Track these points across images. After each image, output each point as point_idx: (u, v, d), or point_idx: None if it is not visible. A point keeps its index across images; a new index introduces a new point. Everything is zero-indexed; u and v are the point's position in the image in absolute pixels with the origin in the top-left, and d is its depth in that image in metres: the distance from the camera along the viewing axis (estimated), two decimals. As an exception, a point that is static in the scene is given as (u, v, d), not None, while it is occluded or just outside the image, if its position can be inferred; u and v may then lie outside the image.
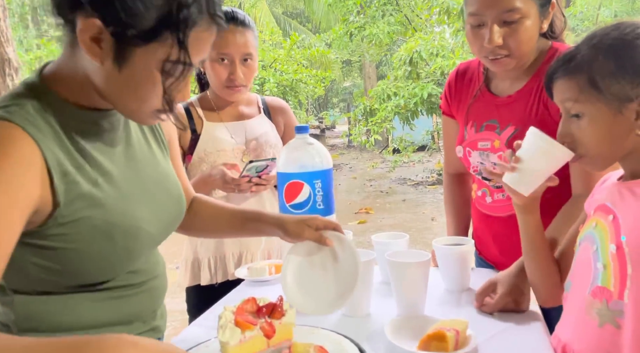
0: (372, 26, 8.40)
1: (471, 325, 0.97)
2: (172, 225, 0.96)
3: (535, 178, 0.95)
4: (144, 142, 0.94)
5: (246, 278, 1.42)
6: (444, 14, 7.37)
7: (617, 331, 0.80)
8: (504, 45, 1.16)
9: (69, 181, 0.76)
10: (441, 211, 6.57)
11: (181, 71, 0.76)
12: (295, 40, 8.86)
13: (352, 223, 5.86)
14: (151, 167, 0.93)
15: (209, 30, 0.77)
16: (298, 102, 9.36)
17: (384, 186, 8.88)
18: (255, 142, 1.63)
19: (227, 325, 0.86)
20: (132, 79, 0.75)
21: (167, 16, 0.71)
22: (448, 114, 1.46)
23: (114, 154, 0.85)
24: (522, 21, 1.14)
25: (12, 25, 3.18)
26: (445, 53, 6.96)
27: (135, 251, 0.86)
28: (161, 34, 0.72)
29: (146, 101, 0.77)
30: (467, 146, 1.33)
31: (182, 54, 0.74)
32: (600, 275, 0.83)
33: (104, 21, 0.71)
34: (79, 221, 0.77)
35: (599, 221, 0.88)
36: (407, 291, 1.12)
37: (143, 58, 0.73)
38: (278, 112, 1.72)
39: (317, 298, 1.04)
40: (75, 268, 0.79)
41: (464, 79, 1.39)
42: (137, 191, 0.86)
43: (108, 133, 0.85)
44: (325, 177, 1.20)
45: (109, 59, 0.73)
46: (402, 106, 7.52)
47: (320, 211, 1.20)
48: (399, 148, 9.31)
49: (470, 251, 1.26)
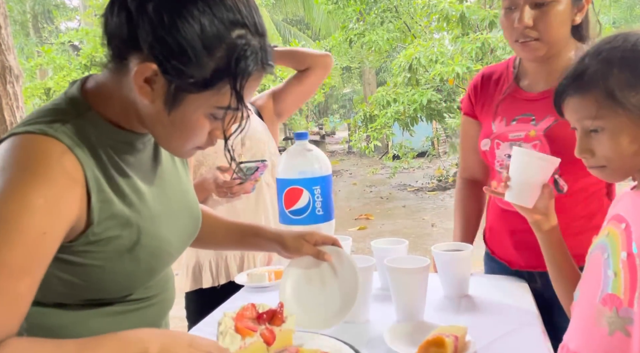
0: (372, 33, 8.43)
1: (470, 331, 0.98)
2: (188, 241, 0.98)
3: (529, 189, 1.05)
4: (170, 159, 0.96)
5: (246, 284, 1.42)
6: (443, 21, 7.39)
7: (627, 339, 0.79)
8: (533, 27, 1.18)
9: (104, 200, 0.76)
10: (441, 218, 6.56)
11: (230, 115, 0.78)
12: (295, 47, 8.89)
13: (352, 229, 5.85)
14: (176, 185, 0.94)
15: (259, 78, 0.79)
16: (298, 109, 9.39)
17: (383, 192, 8.88)
18: (249, 141, 1.64)
19: (227, 332, 0.87)
20: (180, 122, 0.76)
21: (226, 68, 0.73)
22: (470, 114, 1.46)
23: (145, 174, 0.86)
24: (553, 5, 1.17)
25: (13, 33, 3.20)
26: (445, 60, 6.98)
27: (157, 270, 0.88)
28: (218, 83, 0.73)
29: (189, 142, 0.79)
30: (496, 138, 1.33)
31: (238, 103, 0.76)
32: (610, 283, 0.83)
33: (160, 66, 0.71)
34: (109, 240, 0.77)
35: (611, 230, 0.88)
36: (406, 297, 1.12)
37: (195, 104, 0.75)
38: (264, 104, 1.73)
39: (316, 312, 1.04)
40: (98, 285, 0.80)
41: (490, 80, 1.41)
42: (163, 211, 0.87)
43: (141, 152, 0.86)
44: (324, 183, 1.20)
45: (159, 100, 0.74)
46: (401, 112, 7.54)
47: (320, 217, 1.20)
48: (398, 154, 9.31)
49: (469, 257, 1.27)
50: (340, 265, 1.05)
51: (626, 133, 0.83)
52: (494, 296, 1.25)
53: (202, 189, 1.55)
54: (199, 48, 0.71)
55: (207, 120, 0.77)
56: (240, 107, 0.77)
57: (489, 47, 6.75)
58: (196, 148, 0.82)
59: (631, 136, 0.83)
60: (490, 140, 1.34)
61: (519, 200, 1.06)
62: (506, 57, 6.85)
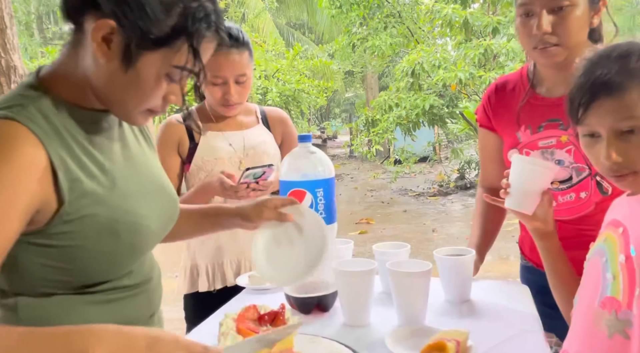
0: (375, 38, 8.44)
1: (472, 336, 0.97)
2: (169, 221, 0.97)
3: (529, 196, 1.05)
4: (136, 142, 0.96)
5: (247, 286, 1.42)
6: (446, 27, 7.40)
7: (626, 342, 0.79)
8: (552, 33, 1.16)
9: (73, 179, 0.77)
10: (442, 223, 6.56)
11: (185, 76, 0.81)
12: (298, 50, 8.92)
13: (352, 233, 5.85)
14: (146, 166, 0.95)
15: (213, 42, 0.82)
16: (300, 112, 9.40)
17: (385, 197, 8.88)
18: (253, 151, 1.63)
19: (229, 333, 0.87)
20: (136, 80, 0.78)
21: (183, 26, 0.76)
22: (487, 126, 1.44)
23: (112, 154, 0.87)
24: (571, 9, 1.15)
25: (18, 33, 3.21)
26: (447, 65, 6.99)
27: (139, 247, 0.87)
28: (174, 41, 0.76)
29: (145, 102, 0.81)
30: (524, 147, 1.30)
31: (195, 61, 0.78)
32: (609, 286, 0.83)
33: (118, 22, 0.73)
34: (84, 219, 0.78)
35: (609, 235, 0.88)
36: (408, 301, 1.12)
37: (151, 62, 0.77)
38: (277, 122, 1.72)
39: (288, 269, 1.07)
40: (82, 266, 0.80)
41: (505, 90, 1.38)
42: (136, 190, 0.88)
43: (106, 132, 0.87)
44: (327, 186, 1.21)
45: (116, 59, 0.76)
46: (403, 117, 7.54)
47: (323, 219, 1.20)
48: (400, 158, 9.31)
49: (471, 262, 1.26)
50: (305, 221, 1.09)
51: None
52: (496, 301, 1.24)
53: (204, 192, 1.55)
54: (157, 5, 0.74)
55: (163, 80, 0.79)
56: (199, 67, 0.79)
57: (491, 54, 6.76)
58: (150, 111, 0.83)
59: None
60: (517, 150, 1.31)
61: (519, 207, 1.06)
62: (509, 63, 6.91)
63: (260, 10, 12.53)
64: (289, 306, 1.14)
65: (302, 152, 1.24)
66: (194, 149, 1.61)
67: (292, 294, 1.23)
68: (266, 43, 9.71)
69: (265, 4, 12.66)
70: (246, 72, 1.56)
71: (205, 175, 1.60)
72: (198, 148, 1.61)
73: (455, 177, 9.56)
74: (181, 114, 1.66)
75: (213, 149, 1.61)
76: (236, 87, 1.56)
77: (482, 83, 6.77)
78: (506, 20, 6.96)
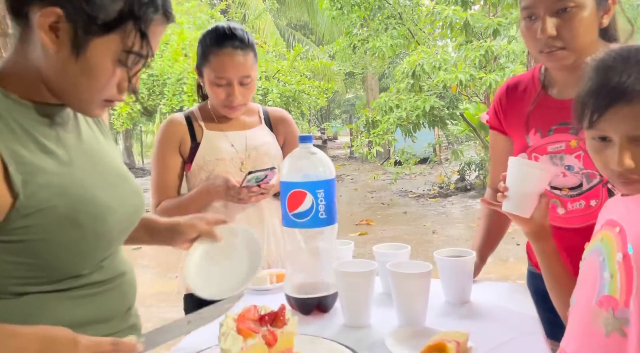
0: (376, 39, 8.46)
1: (472, 337, 0.97)
2: (134, 213, 0.96)
3: (527, 198, 1.05)
4: (92, 135, 0.95)
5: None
6: (446, 28, 7.42)
7: (623, 340, 0.79)
8: (558, 36, 1.12)
9: (27, 172, 0.76)
10: (442, 225, 6.56)
11: (137, 61, 0.81)
12: (298, 51, 8.93)
13: (352, 235, 5.85)
14: (104, 158, 0.94)
15: (162, 25, 0.83)
16: (300, 113, 9.41)
17: (385, 198, 8.88)
18: (255, 152, 1.62)
19: (229, 333, 0.87)
20: (88, 68, 0.78)
21: (129, 10, 0.77)
22: (497, 129, 1.39)
23: (68, 147, 0.86)
24: (576, 11, 1.11)
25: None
26: (448, 67, 7.00)
27: (104, 237, 0.85)
28: (122, 25, 0.77)
29: (99, 91, 0.81)
30: (533, 151, 1.26)
31: (143, 45, 0.79)
32: (607, 284, 0.83)
33: (64, 10, 0.74)
34: (44, 211, 0.77)
35: (605, 234, 0.88)
36: (408, 302, 1.12)
37: (101, 48, 0.77)
38: (279, 122, 1.71)
39: (216, 285, 1.09)
40: (48, 260, 0.79)
41: (516, 91, 1.34)
42: (96, 179, 0.87)
43: (61, 127, 0.86)
44: (328, 186, 1.21)
45: (65, 48, 0.76)
46: (404, 118, 7.56)
47: (323, 220, 1.20)
48: (400, 160, 9.32)
49: (472, 264, 1.27)
50: (238, 238, 1.13)
51: None
52: (496, 303, 1.24)
53: (206, 194, 1.55)
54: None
55: (115, 66, 0.79)
56: (148, 51, 0.80)
57: (492, 55, 6.77)
58: (106, 102, 0.83)
59: None
60: (526, 154, 1.27)
61: (517, 210, 1.05)
62: (509, 65, 6.92)
63: (261, 11, 12.55)
64: (289, 307, 1.14)
65: (303, 153, 1.24)
66: (196, 149, 1.61)
67: (292, 295, 1.23)
68: (267, 44, 9.72)
69: (266, 5, 12.68)
70: (250, 74, 1.55)
71: (206, 175, 1.60)
72: (200, 147, 1.61)
73: (456, 179, 9.57)
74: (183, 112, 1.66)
75: (215, 149, 1.61)
76: (240, 89, 1.54)
77: (482, 85, 6.78)
78: (507, 22, 6.98)
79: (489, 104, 7.43)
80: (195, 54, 1.70)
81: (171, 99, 7.46)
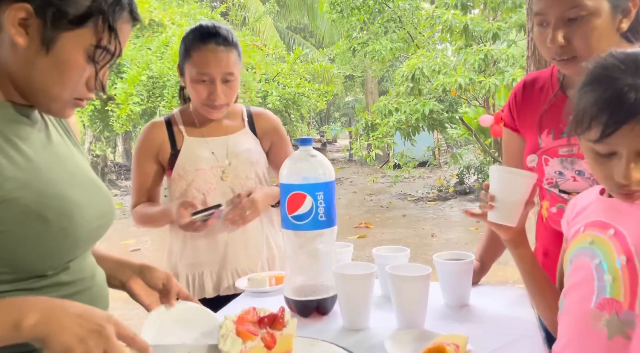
0: (375, 42, 8.47)
1: (471, 341, 0.97)
2: (105, 217, 0.94)
3: (514, 207, 1.02)
4: (60, 138, 0.95)
5: (246, 289, 1.42)
6: (446, 32, 7.43)
7: (627, 343, 0.79)
8: (569, 45, 1.07)
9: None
10: (441, 228, 6.56)
11: (105, 57, 0.83)
12: (298, 54, 8.92)
13: (351, 237, 5.85)
14: (72, 160, 0.93)
15: (129, 23, 0.86)
16: (300, 116, 9.40)
17: (384, 201, 8.88)
18: (236, 161, 1.57)
19: (229, 335, 0.87)
20: (58, 62, 0.79)
21: (98, 5, 0.79)
22: (511, 127, 1.33)
23: (36, 146, 0.85)
24: (589, 19, 1.05)
25: None
26: (447, 70, 7.01)
27: (71, 233, 0.84)
28: (91, 20, 0.79)
29: (69, 87, 0.82)
30: (544, 153, 1.21)
31: (112, 40, 0.82)
32: (607, 287, 0.83)
33: (33, 5, 0.76)
34: (8, 203, 0.76)
35: (596, 237, 0.88)
36: (408, 305, 1.12)
37: (70, 42, 0.79)
38: (265, 126, 1.65)
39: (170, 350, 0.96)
40: (12, 253, 0.77)
41: (533, 88, 1.27)
42: (63, 178, 0.86)
43: (29, 127, 0.85)
44: (327, 189, 1.21)
45: (35, 43, 0.77)
46: (403, 121, 7.56)
47: (322, 223, 1.20)
48: (399, 163, 9.32)
49: (470, 267, 1.27)
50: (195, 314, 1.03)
51: None
52: (495, 307, 1.25)
53: (169, 216, 1.51)
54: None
55: (85, 61, 0.81)
56: (117, 46, 0.83)
57: (491, 59, 6.78)
58: (75, 100, 0.84)
59: None
60: (537, 156, 1.22)
61: (505, 220, 1.01)
62: (509, 69, 6.92)
63: (261, 14, 12.56)
64: (288, 310, 1.14)
65: (303, 155, 1.24)
66: (176, 156, 1.57)
67: (291, 297, 1.23)
68: (267, 46, 9.72)
69: (266, 8, 12.69)
70: (234, 71, 1.51)
71: (186, 184, 1.57)
72: (179, 156, 1.57)
73: (455, 182, 9.57)
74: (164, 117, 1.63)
75: (194, 158, 1.56)
76: (222, 87, 1.50)
77: (481, 88, 6.79)
78: (506, 26, 6.99)
79: (488, 107, 7.45)
80: None
81: (170, 101, 7.46)
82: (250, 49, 8.17)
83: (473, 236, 6.00)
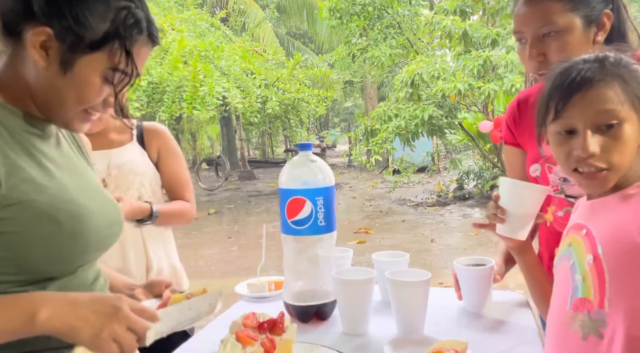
0: (375, 48, 8.50)
1: (471, 346, 0.97)
2: (115, 225, 0.96)
3: (525, 221, 1.01)
4: (75, 157, 0.98)
5: (246, 294, 1.42)
6: (445, 38, 7.47)
7: (599, 342, 0.80)
8: (545, 60, 1.12)
9: (10, 164, 0.79)
10: (440, 233, 6.55)
11: (123, 79, 0.85)
12: (298, 60, 8.97)
13: (351, 243, 5.84)
14: (83, 173, 0.95)
15: (147, 47, 0.88)
16: (299, 121, 9.44)
17: (383, 207, 8.88)
18: (117, 171, 1.56)
19: (228, 340, 0.87)
20: (75, 82, 0.83)
21: (115, 30, 0.82)
22: (512, 143, 1.37)
23: (50, 156, 0.88)
24: (561, 35, 1.11)
25: None
26: (447, 76, 7.04)
27: (82, 237, 0.85)
28: (108, 44, 0.82)
29: (83, 102, 0.85)
30: (546, 161, 1.24)
31: (128, 63, 0.84)
32: (579, 287, 0.84)
33: (54, 29, 0.79)
34: (23, 204, 0.78)
35: (573, 238, 0.89)
36: (407, 310, 1.12)
37: (88, 65, 0.82)
38: (152, 137, 1.65)
39: None
40: (23, 254, 0.79)
41: (527, 104, 1.33)
42: (76, 185, 0.89)
43: (44, 139, 0.89)
44: (327, 194, 1.21)
45: (54, 64, 0.81)
46: (402, 127, 7.58)
47: (322, 228, 1.20)
48: (399, 168, 9.33)
49: (491, 273, 1.25)
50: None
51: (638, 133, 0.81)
52: (495, 312, 1.25)
53: None
54: (90, 13, 0.81)
55: (102, 83, 0.84)
56: (134, 69, 0.85)
57: (490, 65, 6.81)
58: (87, 116, 0.87)
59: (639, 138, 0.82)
60: (540, 165, 1.25)
61: (515, 234, 1.02)
62: (508, 75, 6.94)
63: (261, 20, 12.63)
64: (288, 315, 1.14)
65: (303, 160, 1.24)
66: None
67: (291, 302, 1.23)
68: (266, 52, 9.76)
69: (265, 14, 12.75)
70: None
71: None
72: None
73: (454, 187, 9.58)
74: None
75: None
76: None
77: (480, 94, 6.81)
78: (505, 32, 7.02)
79: (487, 113, 7.47)
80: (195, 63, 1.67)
81: (170, 106, 7.48)
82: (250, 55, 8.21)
83: (472, 242, 6.00)
